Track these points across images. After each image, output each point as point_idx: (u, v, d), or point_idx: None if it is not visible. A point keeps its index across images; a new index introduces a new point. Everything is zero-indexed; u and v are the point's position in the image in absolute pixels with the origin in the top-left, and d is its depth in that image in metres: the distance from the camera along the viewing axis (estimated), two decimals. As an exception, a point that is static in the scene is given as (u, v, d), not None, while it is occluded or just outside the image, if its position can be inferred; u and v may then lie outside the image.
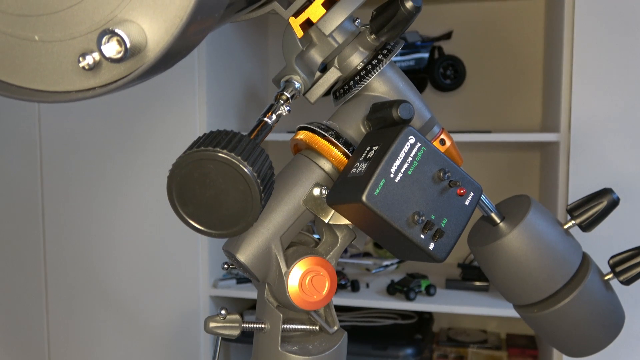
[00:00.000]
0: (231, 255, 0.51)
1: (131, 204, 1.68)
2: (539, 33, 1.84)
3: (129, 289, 1.70)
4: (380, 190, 0.44)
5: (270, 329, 0.52)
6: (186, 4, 0.32)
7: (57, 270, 1.75)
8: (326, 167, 0.51)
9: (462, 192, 0.46)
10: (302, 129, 0.53)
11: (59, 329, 1.77)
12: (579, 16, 1.38)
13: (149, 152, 1.65)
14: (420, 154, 0.46)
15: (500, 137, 1.53)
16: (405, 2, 0.49)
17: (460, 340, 1.78)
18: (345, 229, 0.53)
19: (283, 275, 0.50)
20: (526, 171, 1.88)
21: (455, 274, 1.70)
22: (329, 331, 0.54)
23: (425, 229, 0.44)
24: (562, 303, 0.55)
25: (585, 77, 1.39)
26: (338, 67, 0.54)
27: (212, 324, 0.52)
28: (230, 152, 0.40)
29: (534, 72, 1.85)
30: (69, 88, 0.35)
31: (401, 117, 0.48)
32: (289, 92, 0.49)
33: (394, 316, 1.75)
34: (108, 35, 0.32)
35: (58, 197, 1.74)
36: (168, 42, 0.32)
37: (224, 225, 0.42)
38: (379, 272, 1.77)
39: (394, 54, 0.53)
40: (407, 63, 1.75)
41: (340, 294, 1.60)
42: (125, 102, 1.65)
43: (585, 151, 1.39)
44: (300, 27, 0.51)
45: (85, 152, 1.71)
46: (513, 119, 1.89)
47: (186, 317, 1.67)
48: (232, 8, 0.45)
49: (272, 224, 0.50)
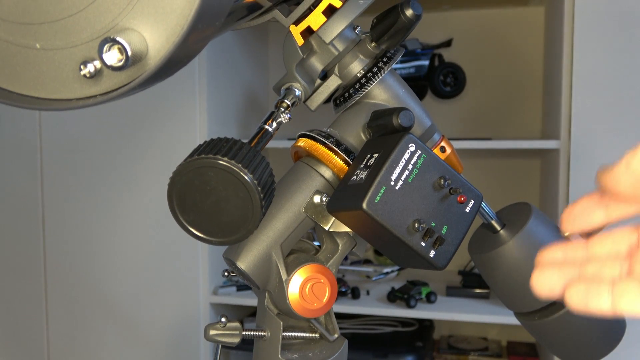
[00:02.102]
0: (231, 263, 0.51)
1: (131, 210, 1.68)
2: (539, 40, 1.84)
3: (129, 295, 1.70)
4: (380, 198, 0.44)
5: (270, 336, 0.52)
6: (187, 13, 0.32)
7: (57, 276, 1.75)
8: (327, 174, 0.51)
9: (463, 200, 0.46)
10: (302, 137, 0.53)
11: (59, 335, 1.77)
12: (578, 23, 1.38)
13: (150, 159, 1.66)
14: (420, 161, 0.46)
15: (501, 145, 1.53)
16: (406, 10, 0.49)
17: (461, 348, 1.78)
18: (346, 237, 0.53)
19: (283, 282, 0.50)
20: (526, 178, 1.88)
21: (455, 282, 1.70)
22: (329, 339, 0.54)
23: (425, 237, 0.44)
24: (564, 310, 0.54)
25: (585, 84, 1.39)
26: (338, 74, 0.54)
27: (212, 331, 0.52)
28: (231, 159, 0.40)
29: (534, 80, 1.86)
30: (70, 96, 0.35)
31: (401, 124, 0.48)
32: (290, 100, 0.49)
33: (395, 323, 1.74)
34: (109, 44, 0.32)
35: (58, 203, 1.74)
36: (169, 51, 0.32)
37: (225, 232, 0.42)
38: (380, 280, 1.77)
39: (394, 62, 0.54)
40: (407, 70, 1.75)
41: (340, 301, 1.60)
42: (126, 110, 1.66)
43: (585, 158, 1.39)
44: (300, 35, 0.51)
45: (85, 158, 1.71)
46: (513, 126, 1.89)
47: (186, 324, 1.66)
48: (233, 16, 0.45)
49: (273, 231, 0.50)
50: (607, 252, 0.34)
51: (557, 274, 0.34)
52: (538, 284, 0.35)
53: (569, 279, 0.34)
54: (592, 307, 0.32)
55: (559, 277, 0.34)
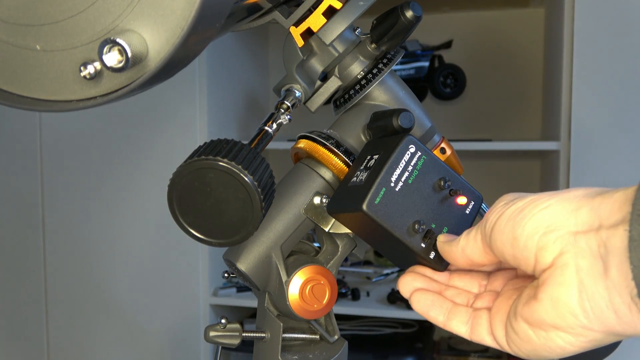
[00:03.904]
0: (231, 264, 0.51)
1: (131, 212, 1.68)
2: (539, 42, 1.84)
3: (129, 296, 1.70)
4: (380, 199, 0.44)
5: (270, 338, 0.52)
6: (187, 14, 0.32)
7: (57, 278, 1.75)
8: (327, 175, 0.51)
9: (463, 201, 0.46)
10: (302, 138, 0.53)
11: (59, 336, 1.77)
12: (578, 25, 1.38)
13: (150, 161, 1.66)
14: (420, 162, 0.46)
15: (501, 146, 1.53)
16: (406, 12, 0.49)
17: (461, 349, 1.77)
18: (346, 238, 0.53)
19: (283, 284, 0.50)
20: (526, 180, 1.88)
21: (456, 283, 1.70)
22: (329, 340, 0.54)
23: (425, 238, 0.44)
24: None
25: (585, 86, 1.39)
26: (338, 76, 0.54)
27: (212, 332, 0.52)
28: (231, 161, 0.40)
29: (534, 81, 1.86)
30: (70, 97, 0.35)
31: (401, 126, 0.48)
32: (290, 101, 0.49)
33: (395, 325, 1.74)
34: (109, 45, 0.32)
35: (58, 204, 1.74)
36: (169, 52, 0.32)
37: (225, 234, 0.42)
38: (380, 281, 1.77)
39: (394, 63, 0.54)
40: (407, 72, 1.75)
41: (340, 303, 1.60)
42: (126, 111, 1.66)
43: (585, 160, 1.39)
44: (300, 36, 0.51)
45: (85, 159, 1.71)
46: (513, 128, 1.89)
47: (186, 325, 1.66)
48: (233, 18, 0.45)
49: (273, 232, 0.50)
50: (463, 286, 0.45)
51: (420, 283, 0.44)
52: (401, 284, 0.44)
53: (425, 289, 0.44)
54: (430, 316, 0.43)
55: (420, 286, 0.44)
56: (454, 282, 0.45)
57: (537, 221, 0.35)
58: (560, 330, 0.35)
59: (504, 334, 0.39)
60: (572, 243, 0.34)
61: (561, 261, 0.34)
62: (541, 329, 0.36)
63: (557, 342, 0.35)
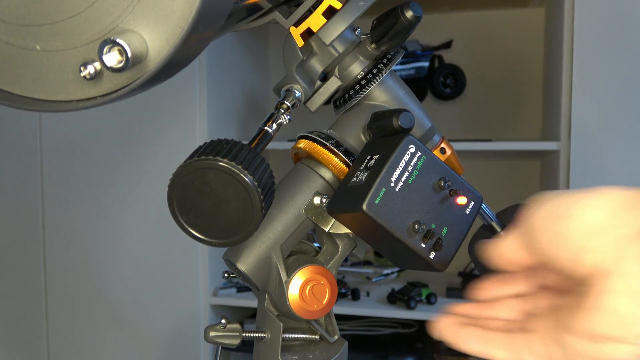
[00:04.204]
0: (231, 264, 0.51)
1: (131, 211, 1.68)
2: (539, 42, 1.84)
3: (129, 296, 1.70)
4: (380, 199, 0.44)
5: (270, 338, 0.52)
6: (187, 14, 0.32)
7: (57, 277, 1.75)
8: (327, 176, 0.51)
9: (463, 201, 0.46)
10: (302, 138, 0.53)
11: (59, 336, 1.77)
12: (578, 25, 1.38)
13: (150, 161, 1.65)
14: (420, 162, 0.46)
15: (501, 146, 1.53)
16: (406, 12, 0.49)
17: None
18: (346, 238, 0.53)
19: (283, 284, 0.50)
20: (526, 180, 1.88)
21: (456, 283, 1.70)
22: (329, 340, 0.54)
23: (425, 238, 0.44)
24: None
25: (585, 86, 1.39)
26: (338, 76, 0.54)
27: (212, 333, 0.52)
28: (231, 161, 0.40)
29: (534, 81, 1.86)
30: (70, 97, 0.35)
31: (401, 126, 0.48)
32: (290, 101, 0.49)
33: (395, 325, 1.74)
34: (109, 45, 0.32)
35: (58, 204, 1.74)
36: (169, 52, 0.32)
37: (225, 234, 0.42)
38: (380, 281, 1.77)
39: (394, 63, 0.54)
40: (407, 72, 1.75)
41: (340, 303, 1.59)
42: (126, 111, 1.66)
43: (585, 160, 1.39)
44: (300, 36, 0.51)
45: (85, 160, 1.71)
46: (513, 128, 1.89)
47: (186, 325, 1.66)
48: (233, 18, 0.45)
49: (273, 232, 0.50)
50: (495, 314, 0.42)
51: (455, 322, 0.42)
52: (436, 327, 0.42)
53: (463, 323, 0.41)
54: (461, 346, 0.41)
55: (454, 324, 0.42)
56: (484, 312, 0.43)
57: (587, 221, 0.33)
58: (619, 342, 0.32)
59: (544, 352, 0.36)
60: (629, 247, 0.32)
61: (619, 267, 0.32)
62: (595, 342, 0.33)
63: (613, 355, 0.33)
